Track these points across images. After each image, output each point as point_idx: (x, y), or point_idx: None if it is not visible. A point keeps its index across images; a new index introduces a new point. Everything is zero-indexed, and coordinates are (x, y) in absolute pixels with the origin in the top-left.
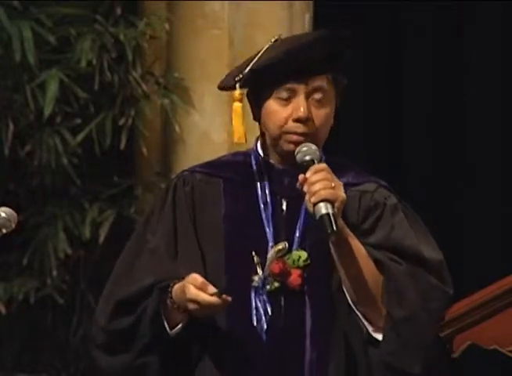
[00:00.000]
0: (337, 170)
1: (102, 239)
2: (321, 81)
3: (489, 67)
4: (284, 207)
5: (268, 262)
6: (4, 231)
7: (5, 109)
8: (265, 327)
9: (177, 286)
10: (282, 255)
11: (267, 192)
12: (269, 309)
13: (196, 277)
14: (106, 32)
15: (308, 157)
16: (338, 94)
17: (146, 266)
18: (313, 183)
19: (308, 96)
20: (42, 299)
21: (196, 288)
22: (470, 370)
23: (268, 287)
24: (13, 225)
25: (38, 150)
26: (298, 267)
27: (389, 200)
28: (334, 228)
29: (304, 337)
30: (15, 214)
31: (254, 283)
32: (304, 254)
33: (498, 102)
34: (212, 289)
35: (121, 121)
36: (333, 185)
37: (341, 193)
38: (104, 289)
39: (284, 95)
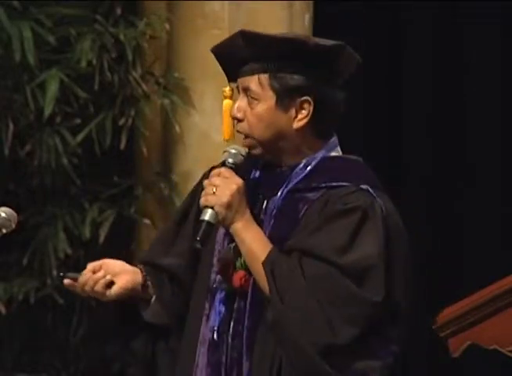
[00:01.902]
0: (324, 171)
1: (102, 239)
2: (248, 82)
3: (489, 67)
4: (264, 206)
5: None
6: (4, 231)
7: (5, 109)
8: (217, 326)
9: None
10: (238, 256)
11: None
12: (223, 309)
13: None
14: (106, 32)
15: (230, 160)
16: (282, 94)
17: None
18: (204, 190)
19: (245, 96)
20: (42, 299)
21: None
22: (470, 370)
23: (223, 286)
24: (13, 225)
25: (38, 150)
26: (245, 269)
27: (349, 204)
28: (198, 236)
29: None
30: (15, 214)
31: (215, 284)
32: None
33: (498, 102)
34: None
35: (121, 121)
36: (213, 190)
37: (220, 199)
38: None
39: (231, 93)
